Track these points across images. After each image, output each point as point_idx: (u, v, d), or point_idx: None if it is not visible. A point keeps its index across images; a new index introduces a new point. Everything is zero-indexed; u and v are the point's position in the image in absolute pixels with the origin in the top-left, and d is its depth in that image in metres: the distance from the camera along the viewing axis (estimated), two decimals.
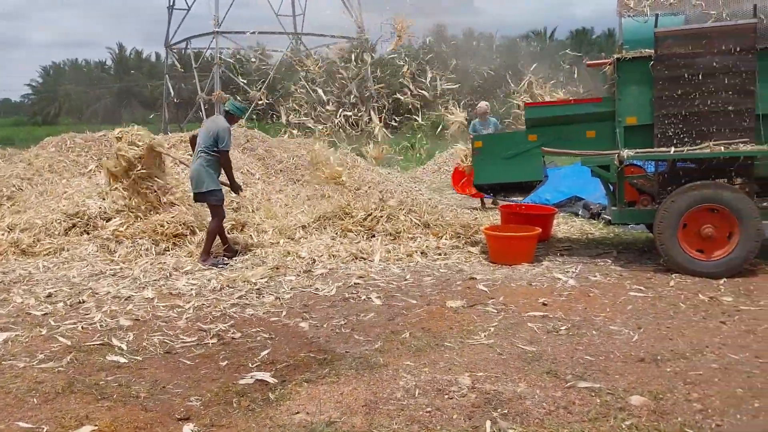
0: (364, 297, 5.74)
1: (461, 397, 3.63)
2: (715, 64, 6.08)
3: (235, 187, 7.24)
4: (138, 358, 4.40)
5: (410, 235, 7.57)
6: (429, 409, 3.51)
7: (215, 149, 6.90)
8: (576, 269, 6.47)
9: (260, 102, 12.68)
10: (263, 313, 5.36)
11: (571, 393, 3.63)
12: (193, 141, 7.31)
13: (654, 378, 3.81)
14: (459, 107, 9.63)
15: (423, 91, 9.53)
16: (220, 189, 7.06)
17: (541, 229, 7.13)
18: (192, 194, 7.31)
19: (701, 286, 5.76)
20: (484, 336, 4.64)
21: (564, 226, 8.81)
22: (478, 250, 7.39)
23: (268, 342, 4.68)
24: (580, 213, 9.72)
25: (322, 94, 9.80)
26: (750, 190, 6.20)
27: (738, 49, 6.01)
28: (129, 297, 5.83)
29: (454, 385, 3.78)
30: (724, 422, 3.26)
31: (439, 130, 10.94)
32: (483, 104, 10.64)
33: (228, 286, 6.14)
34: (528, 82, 8.16)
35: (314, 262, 6.92)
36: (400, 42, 9.33)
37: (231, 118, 7.15)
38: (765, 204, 6.23)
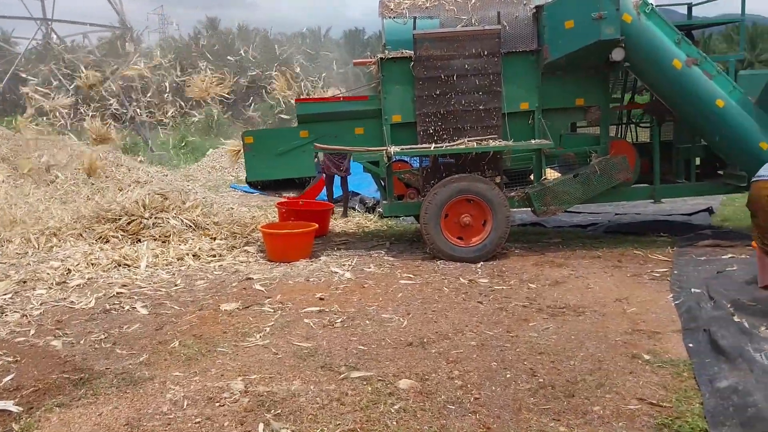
0: (128, 307, 5.28)
1: (233, 403, 3.48)
2: (466, 66, 6.60)
3: None
4: None
5: (181, 238, 7.16)
6: (198, 419, 3.31)
7: None
8: (352, 262, 6.62)
9: None
10: (6, 334, 4.68)
11: (345, 384, 3.66)
12: None
13: (421, 360, 3.99)
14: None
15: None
16: None
17: (317, 225, 7.18)
18: None
19: (462, 270, 6.22)
20: (260, 337, 4.52)
21: (341, 221, 8.99)
22: (256, 249, 7.23)
23: (11, 366, 4.09)
24: (356, 207, 10.01)
25: (69, 86, 8.88)
26: (500, 182, 6.85)
27: (485, 52, 6.58)
28: None
29: (226, 392, 3.62)
30: (481, 395, 3.51)
31: (215, 127, 10.55)
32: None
33: None
34: (302, 78, 8.18)
35: (69, 272, 6.22)
36: None
37: None
38: (513, 194, 6.90)
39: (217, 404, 3.48)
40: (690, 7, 7.54)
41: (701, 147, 7.22)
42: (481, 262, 6.48)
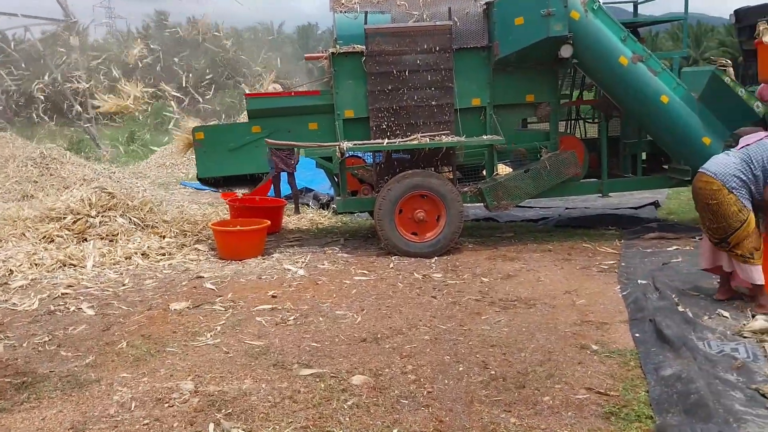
0: (73, 308, 5.13)
1: (183, 404, 3.41)
2: (418, 61, 6.61)
3: None
4: None
5: (129, 237, 6.98)
6: (147, 421, 3.23)
7: None
8: (305, 259, 6.56)
9: None
10: None
11: (297, 382, 3.63)
12: None
13: (374, 356, 3.99)
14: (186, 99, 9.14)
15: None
16: None
17: (270, 222, 7.10)
18: None
19: (416, 265, 6.24)
20: (210, 336, 4.44)
21: (294, 218, 8.92)
22: (207, 247, 7.11)
23: None
24: (310, 204, 9.93)
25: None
26: (453, 177, 6.90)
27: (437, 48, 6.60)
28: None
29: (176, 392, 3.55)
30: (434, 388, 3.52)
31: (171, 124, 10.29)
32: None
33: None
34: (254, 73, 8.08)
35: (11, 273, 6.01)
36: None
37: None
38: (466, 189, 6.95)
39: (166, 405, 3.41)
40: (636, 5, 7.73)
41: (647, 142, 7.41)
42: (436, 257, 6.51)
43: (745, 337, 4.06)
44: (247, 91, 7.35)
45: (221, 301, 5.22)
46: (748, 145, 4.54)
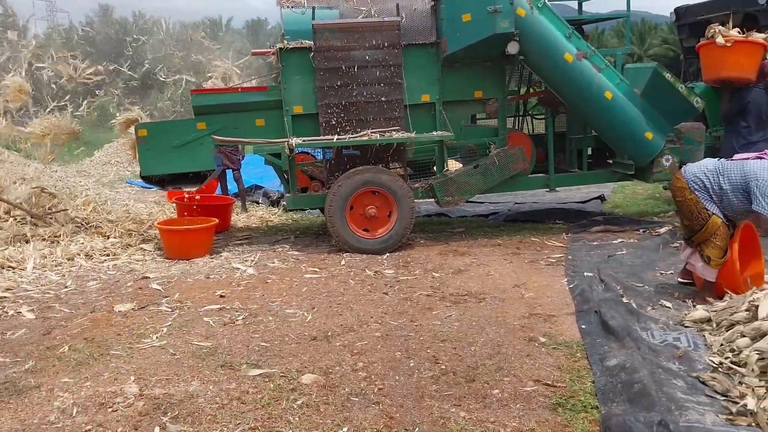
0: (12, 312, 4.94)
1: (127, 408, 3.31)
2: (367, 57, 6.58)
3: None
4: None
5: (71, 237, 6.76)
6: (89, 427, 3.13)
7: None
8: (255, 257, 6.48)
9: None
10: None
11: (246, 382, 3.57)
12: None
13: (325, 354, 3.96)
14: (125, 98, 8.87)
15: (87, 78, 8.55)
16: None
17: (218, 220, 6.97)
18: None
19: (368, 262, 6.22)
20: (156, 338, 4.33)
21: (244, 215, 8.79)
22: (153, 246, 6.94)
23: None
24: (260, 201, 9.82)
25: None
26: (404, 173, 6.90)
27: (386, 44, 6.59)
28: None
29: (120, 396, 3.45)
30: (385, 385, 3.51)
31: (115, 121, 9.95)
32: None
33: None
34: (201, 69, 7.91)
35: None
36: None
37: None
38: (417, 185, 6.97)
39: (110, 410, 3.31)
40: (580, 2, 7.88)
41: (592, 137, 7.57)
42: (387, 254, 6.51)
43: (686, 327, 4.18)
44: (193, 87, 7.19)
45: (168, 302, 5.10)
46: (745, 159, 4.53)
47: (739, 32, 6.66)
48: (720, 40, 6.50)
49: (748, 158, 4.51)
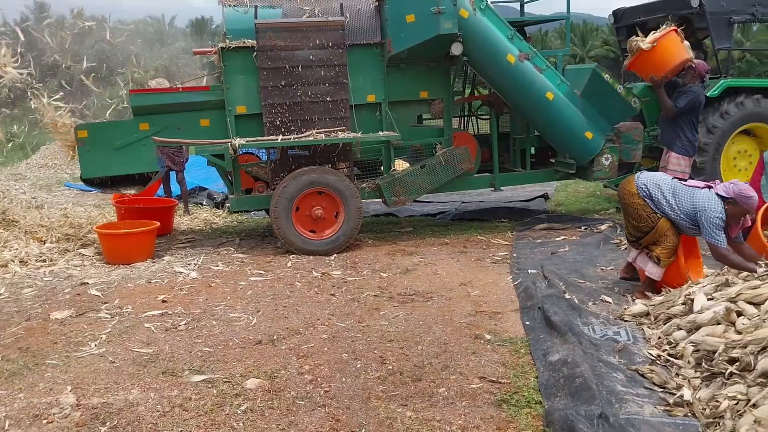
0: None
1: (63, 419, 3.19)
2: (311, 57, 6.53)
3: None
4: None
5: (4, 243, 6.48)
6: None
7: None
8: (198, 261, 6.34)
9: None
10: None
11: (188, 389, 3.48)
12: None
13: (270, 358, 3.90)
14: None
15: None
16: None
17: (159, 223, 6.79)
18: None
19: (315, 263, 6.17)
20: (95, 346, 4.19)
21: (187, 218, 8.61)
22: (92, 251, 6.72)
23: None
24: (204, 203, 9.63)
25: None
26: (350, 173, 6.88)
27: (330, 44, 6.55)
28: None
29: (56, 407, 3.31)
30: (331, 387, 3.48)
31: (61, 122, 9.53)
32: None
33: None
34: (144, 69, 7.69)
35: None
36: None
37: None
38: (364, 185, 6.96)
39: (45, 421, 3.18)
40: (522, 4, 8.01)
41: (535, 137, 7.70)
42: (335, 254, 6.47)
43: (625, 321, 4.30)
44: (132, 87, 6.98)
45: (107, 308, 4.94)
46: (696, 187, 4.64)
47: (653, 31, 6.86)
48: (646, 45, 6.68)
49: (698, 186, 4.66)
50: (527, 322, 4.34)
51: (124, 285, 5.58)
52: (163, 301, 5.07)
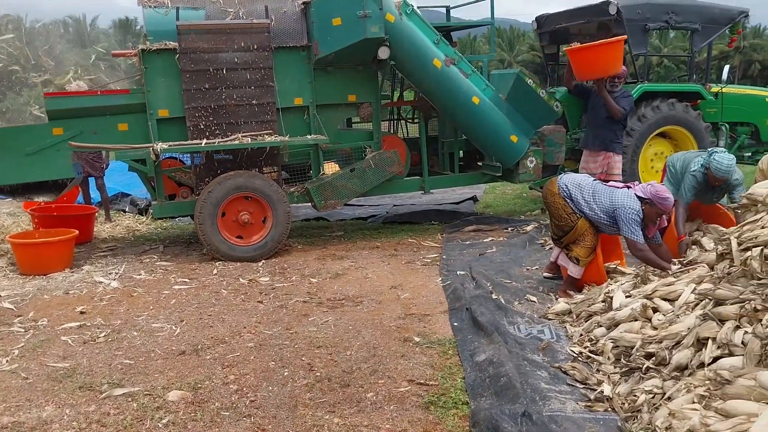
0: None
1: None
2: (236, 59, 6.40)
3: None
4: None
5: None
6: None
7: None
8: (120, 270, 6.11)
9: None
10: None
11: (107, 403, 3.34)
12: None
13: (194, 369, 3.78)
14: None
15: None
16: None
17: (78, 232, 6.50)
18: None
19: (242, 270, 6.05)
20: (6, 361, 3.96)
21: (107, 226, 8.28)
22: (6, 262, 6.37)
23: None
24: (127, 209, 9.30)
25: None
26: (278, 177, 6.78)
27: (255, 46, 6.44)
28: None
29: None
30: (257, 397, 3.41)
31: None
32: None
33: None
34: (60, 71, 7.37)
35: None
36: None
37: None
38: (293, 189, 6.87)
39: None
40: (448, 9, 8.12)
41: (463, 140, 7.81)
42: (263, 260, 6.36)
43: (549, 320, 4.40)
44: (46, 90, 6.68)
45: (21, 322, 4.69)
46: (615, 187, 4.82)
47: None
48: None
49: (617, 187, 4.83)
50: (455, 323, 4.38)
51: (39, 297, 5.31)
52: (82, 313, 4.85)
